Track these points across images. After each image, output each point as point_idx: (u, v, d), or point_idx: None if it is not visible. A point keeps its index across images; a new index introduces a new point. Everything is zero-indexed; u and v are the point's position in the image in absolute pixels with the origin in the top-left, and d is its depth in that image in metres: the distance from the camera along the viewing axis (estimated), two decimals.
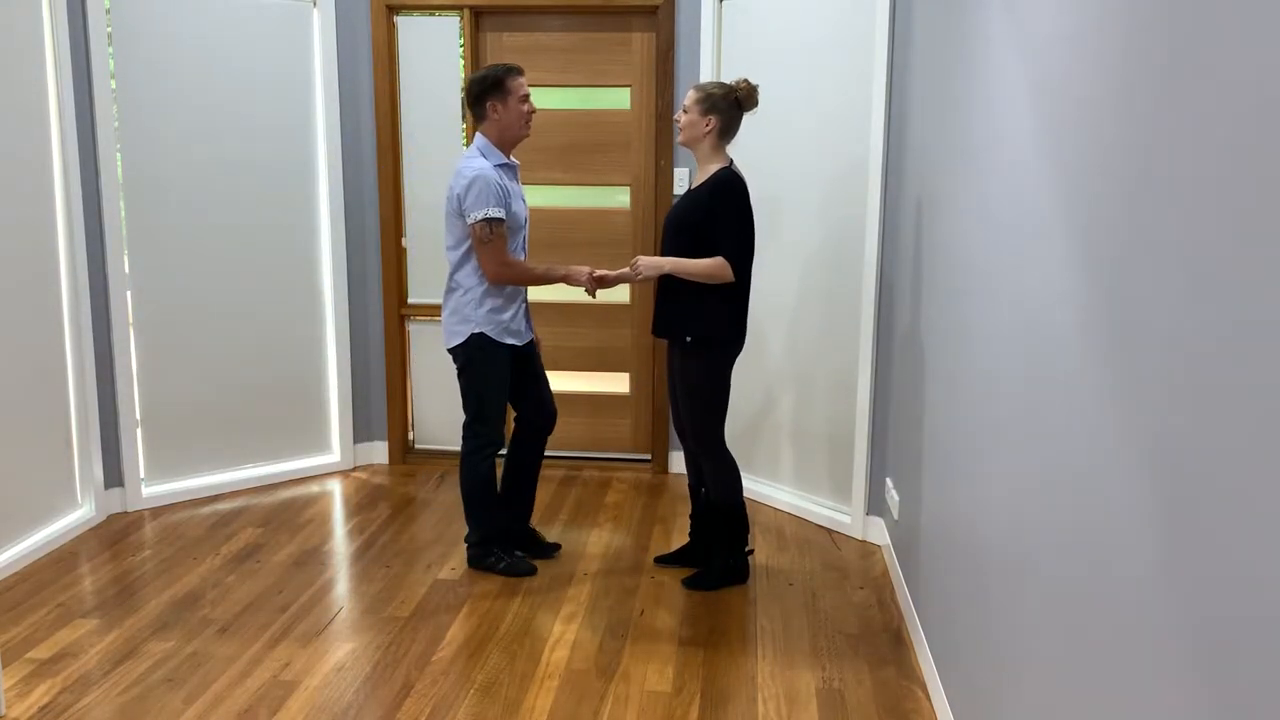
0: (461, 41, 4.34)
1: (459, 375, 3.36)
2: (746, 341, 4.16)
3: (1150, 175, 1.30)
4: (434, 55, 4.36)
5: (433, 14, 4.33)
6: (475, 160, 3.23)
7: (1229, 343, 1.07)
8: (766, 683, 2.78)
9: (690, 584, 3.36)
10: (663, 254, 3.22)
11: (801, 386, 3.98)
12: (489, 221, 3.18)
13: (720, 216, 3.09)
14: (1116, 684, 1.38)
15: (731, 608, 3.23)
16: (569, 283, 3.37)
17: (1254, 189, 1.02)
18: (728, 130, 3.18)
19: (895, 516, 3.48)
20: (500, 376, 3.34)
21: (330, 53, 4.24)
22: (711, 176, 3.15)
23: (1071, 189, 1.63)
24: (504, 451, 3.60)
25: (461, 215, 3.22)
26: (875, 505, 3.79)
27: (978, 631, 2.22)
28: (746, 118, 3.73)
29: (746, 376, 4.20)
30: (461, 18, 4.32)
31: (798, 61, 3.85)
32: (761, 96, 3.99)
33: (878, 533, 3.78)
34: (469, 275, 3.28)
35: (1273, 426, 0.98)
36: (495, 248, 3.21)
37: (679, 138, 3.22)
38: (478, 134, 3.30)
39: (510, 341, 3.33)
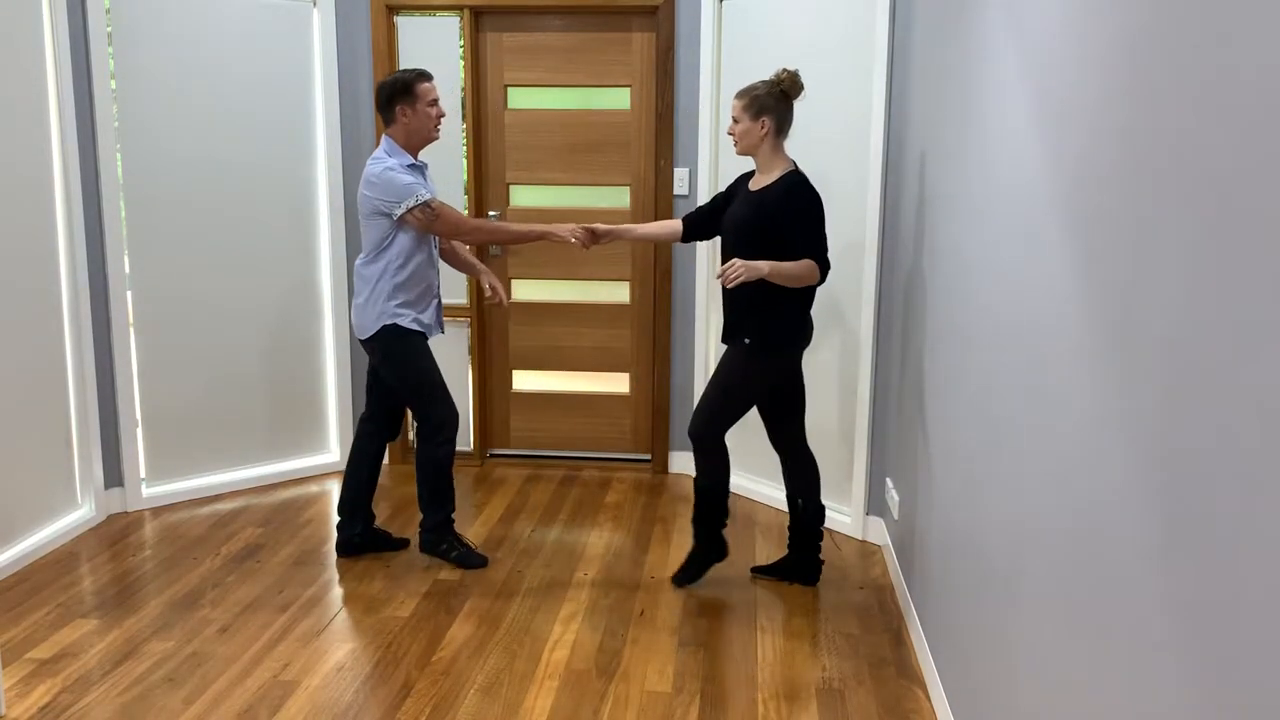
0: (461, 41, 4.34)
1: (380, 369, 3.42)
2: None
3: (1150, 176, 1.30)
4: (434, 55, 4.36)
5: (433, 14, 4.33)
6: (381, 162, 3.30)
7: (1229, 343, 1.07)
8: (766, 683, 2.78)
9: (679, 580, 3.38)
10: (724, 259, 3.18)
11: None
12: (424, 204, 3.26)
13: (801, 219, 3.04)
14: (1116, 683, 1.38)
15: (731, 608, 3.23)
16: (550, 239, 3.40)
17: (1254, 189, 1.02)
18: (783, 127, 3.13)
19: (895, 516, 3.48)
20: (426, 358, 3.41)
21: (330, 53, 4.24)
22: (780, 180, 3.10)
23: (1071, 189, 1.63)
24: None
25: (381, 215, 3.29)
26: (875, 505, 3.79)
27: (978, 632, 2.22)
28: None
29: None
30: (461, 18, 4.32)
31: (798, 61, 3.84)
32: None
33: (878, 533, 3.78)
34: (377, 271, 3.34)
35: (1273, 426, 0.98)
36: (447, 215, 3.30)
37: (736, 149, 3.17)
38: (384, 137, 3.37)
39: (419, 330, 3.40)
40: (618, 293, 4.54)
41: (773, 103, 3.10)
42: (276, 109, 4.18)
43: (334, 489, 4.29)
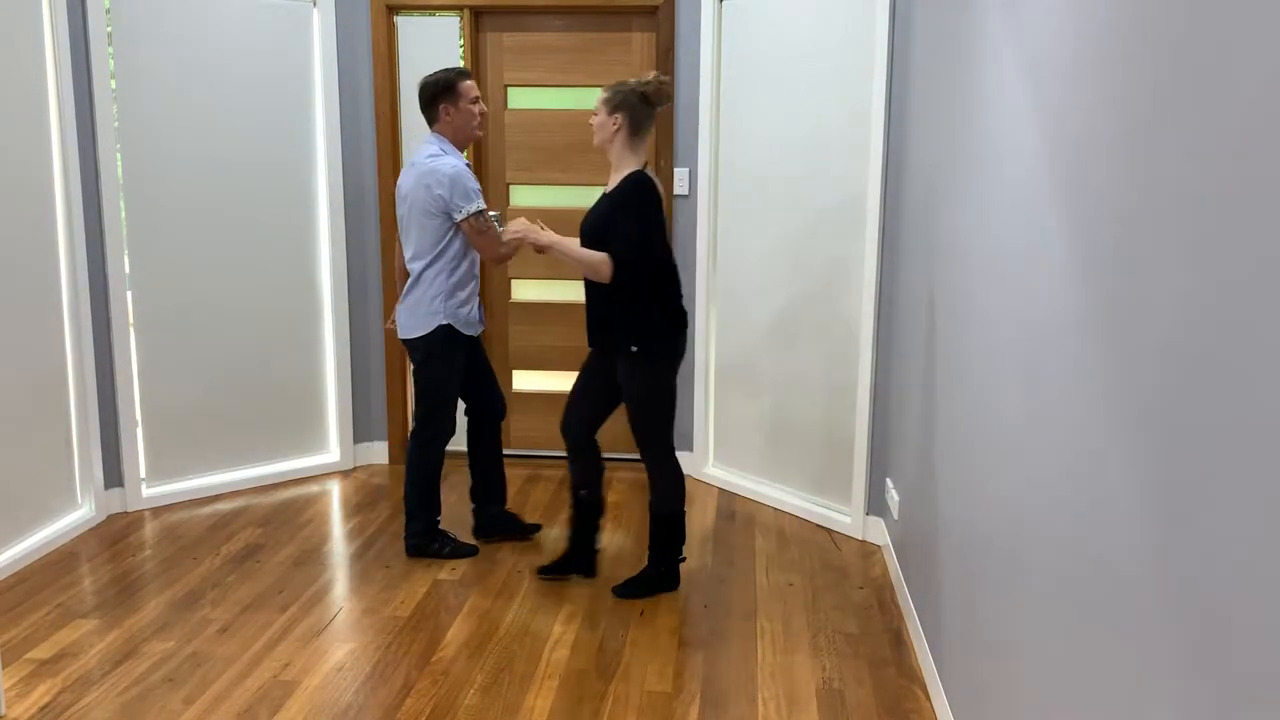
0: (461, 41, 4.34)
1: (420, 367, 3.45)
2: (746, 340, 4.17)
3: (1151, 173, 1.30)
4: (434, 55, 4.36)
5: (433, 14, 4.33)
6: (445, 159, 3.32)
7: (1230, 341, 1.07)
8: (766, 683, 2.78)
9: (621, 592, 3.28)
10: None
11: (801, 386, 3.99)
12: (480, 213, 3.33)
13: (621, 213, 3.04)
14: (1116, 683, 1.38)
15: (731, 608, 3.23)
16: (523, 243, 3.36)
17: (1254, 191, 1.02)
18: (637, 129, 3.11)
19: (895, 516, 3.48)
20: (460, 368, 3.48)
21: (330, 53, 4.24)
22: (625, 179, 3.10)
23: (1072, 188, 1.63)
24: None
25: (444, 215, 3.32)
26: (875, 505, 3.79)
27: (978, 631, 2.22)
28: (750, 114, 3.74)
29: (747, 376, 4.20)
30: (461, 18, 4.32)
31: (798, 61, 3.85)
32: (762, 96, 3.99)
33: (878, 533, 3.78)
34: (439, 271, 3.37)
35: (1273, 426, 0.98)
36: (492, 235, 3.36)
37: (594, 141, 3.18)
38: (434, 135, 3.40)
39: (470, 333, 3.47)
40: None
41: (633, 101, 3.09)
42: (276, 109, 4.18)
43: (334, 489, 4.29)
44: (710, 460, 4.44)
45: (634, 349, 3.12)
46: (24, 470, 3.52)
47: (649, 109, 3.12)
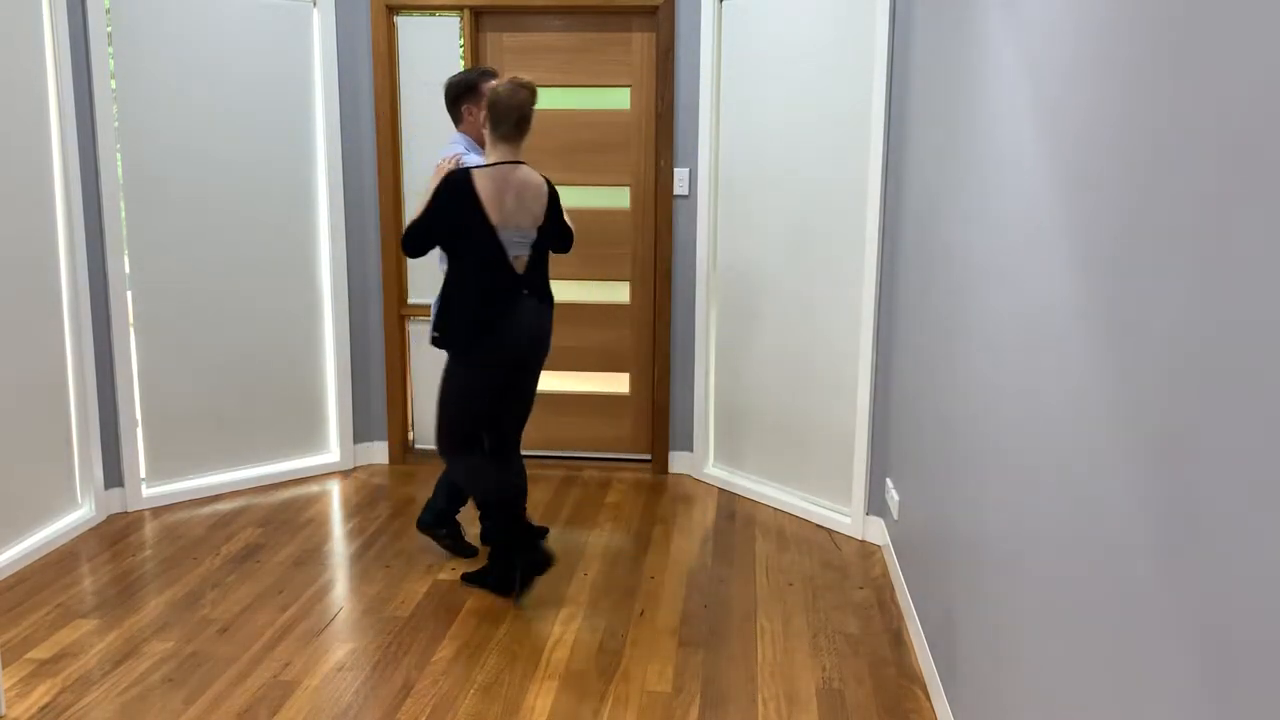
0: (461, 42, 4.34)
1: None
2: (746, 340, 4.17)
3: (1150, 175, 1.30)
4: (434, 55, 4.36)
5: (433, 14, 4.33)
6: (468, 157, 3.33)
7: (1229, 343, 1.07)
8: (766, 683, 2.78)
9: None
10: None
11: (801, 386, 3.99)
12: None
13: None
14: (1116, 683, 1.38)
15: (731, 608, 3.23)
16: None
17: (1254, 188, 1.02)
18: (495, 126, 3.12)
19: (895, 516, 3.48)
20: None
21: (330, 53, 4.24)
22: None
23: (1072, 189, 1.63)
24: None
25: None
26: (875, 505, 3.79)
27: (977, 631, 2.22)
28: (750, 114, 3.73)
29: (747, 376, 4.20)
30: (461, 18, 4.32)
31: (798, 61, 3.85)
32: (761, 96, 3.99)
33: (878, 533, 3.78)
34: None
35: (1273, 426, 0.98)
36: None
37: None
38: (459, 133, 3.43)
39: None
40: (618, 293, 4.53)
41: (487, 100, 3.13)
42: (276, 109, 4.18)
43: (334, 489, 4.29)
44: (710, 460, 4.44)
45: (435, 335, 3.21)
46: (24, 470, 3.52)
47: (495, 111, 3.11)
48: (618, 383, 4.63)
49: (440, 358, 4.57)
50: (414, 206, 3.26)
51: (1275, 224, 0.98)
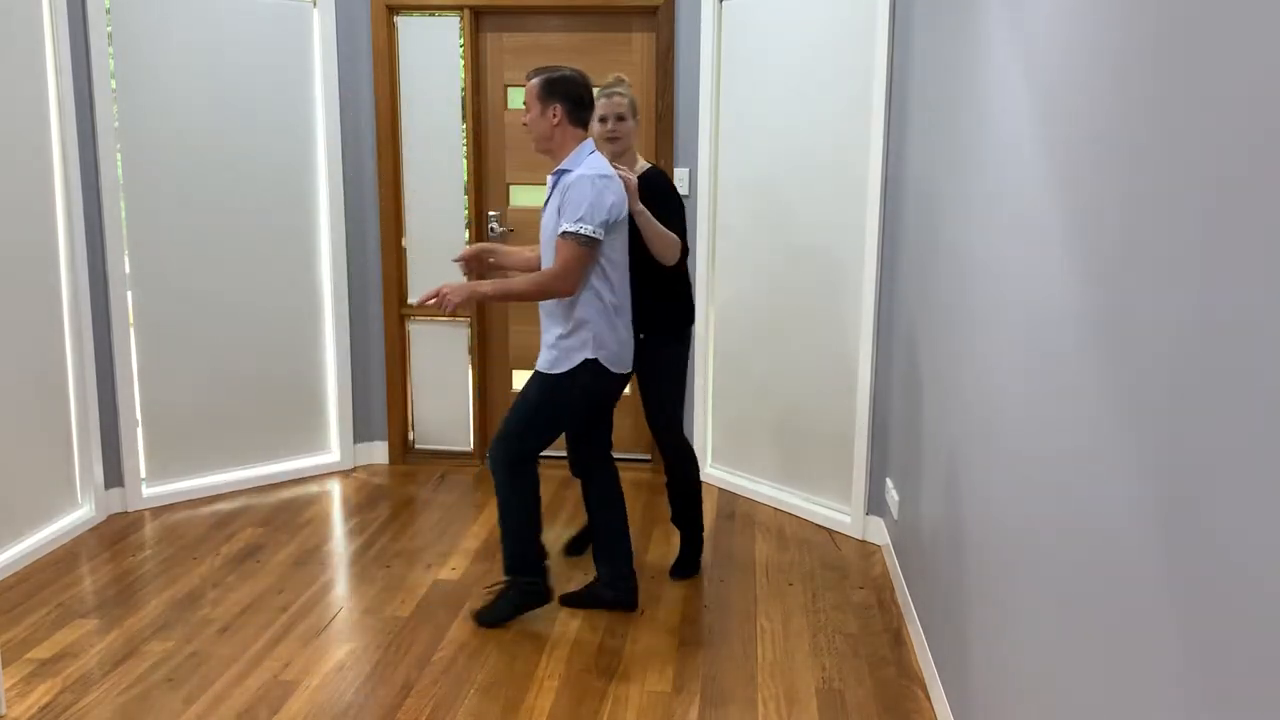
0: (461, 41, 4.34)
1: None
2: (746, 340, 4.17)
3: (1151, 176, 1.30)
4: (434, 55, 4.36)
5: (433, 14, 4.33)
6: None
7: (1229, 343, 1.07)
8: (766, 683, 2.78)
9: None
10: None
11: (801, 386, 3.99)
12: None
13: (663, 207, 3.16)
14: (1116, 683, 1.38)
15: (731, 608, 3.23)
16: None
17: (1254, 188, 1.02)
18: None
19: (895, 516, 3.48)
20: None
21: (330, 53, 4.24)
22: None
23: (1072, 189, 1.64)
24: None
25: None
26: (875, 505, 3.79)
27: (977, 631, 2.22)
28: (750, 114, 3.71)
29: (747, 376, 4.20)
30: (461, 18, 4.32)
31: (798, 61, 3.85)
32: (762, 96, 3.99)
33: (878, 533, 3.78)
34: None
35: (1273, 426, 0.98)
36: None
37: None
38: (590, 139, 3.05)
39: None
40: None
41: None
42: (277, 109, 4.18)
43: (334, 489, 4.29)
44: (710, 460, 4.44)
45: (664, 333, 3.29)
46: (24, 470, 3.52)
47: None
48: None
49: (441, 358, 4.57)
50: (645, 227, 3.00)
51: (1276, 222, 0.98)
